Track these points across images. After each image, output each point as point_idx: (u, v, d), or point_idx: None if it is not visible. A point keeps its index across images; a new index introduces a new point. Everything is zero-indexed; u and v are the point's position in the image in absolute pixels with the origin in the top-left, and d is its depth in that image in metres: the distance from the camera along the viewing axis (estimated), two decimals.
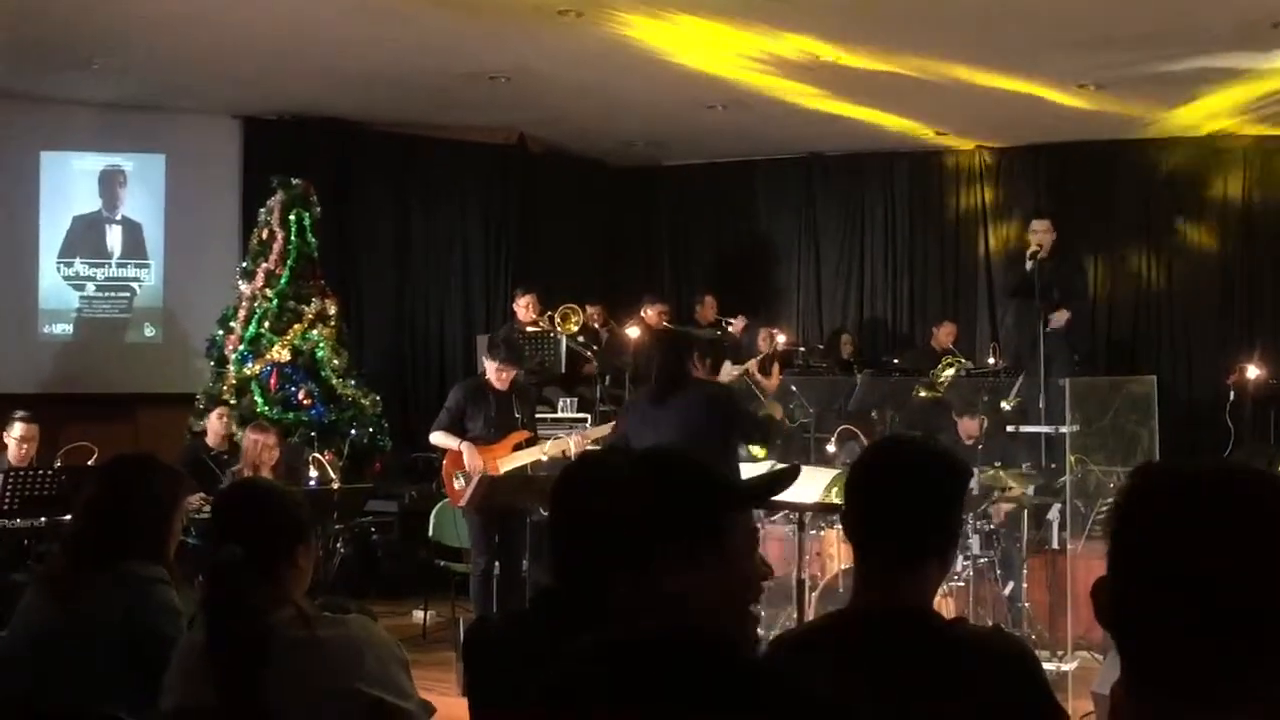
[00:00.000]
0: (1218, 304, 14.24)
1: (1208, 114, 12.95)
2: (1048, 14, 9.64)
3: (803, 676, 1.37)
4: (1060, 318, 11.87)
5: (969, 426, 9.78)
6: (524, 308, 12.21)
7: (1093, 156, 14.43)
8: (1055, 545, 9.61)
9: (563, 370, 12.23)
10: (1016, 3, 9.39)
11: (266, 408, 11.23)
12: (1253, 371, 12.72)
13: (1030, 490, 9.41)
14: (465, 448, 8.85)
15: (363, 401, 11.80)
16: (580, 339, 12.42)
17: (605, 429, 9.26)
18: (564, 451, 9.07)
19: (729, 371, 9.34)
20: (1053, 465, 10.07)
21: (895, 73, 11.33)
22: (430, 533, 9.95)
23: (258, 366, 11.51)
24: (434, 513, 9.98)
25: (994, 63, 11.12)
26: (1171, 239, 14.39)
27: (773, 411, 7.92)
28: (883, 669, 2.27)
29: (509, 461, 8.98)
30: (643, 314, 13.04)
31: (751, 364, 11.50)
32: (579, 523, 2.89)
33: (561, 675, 2.27)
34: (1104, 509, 9.40)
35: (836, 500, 7.07)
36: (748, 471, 7.50)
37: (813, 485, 6.97)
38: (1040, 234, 12.07)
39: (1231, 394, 12.85)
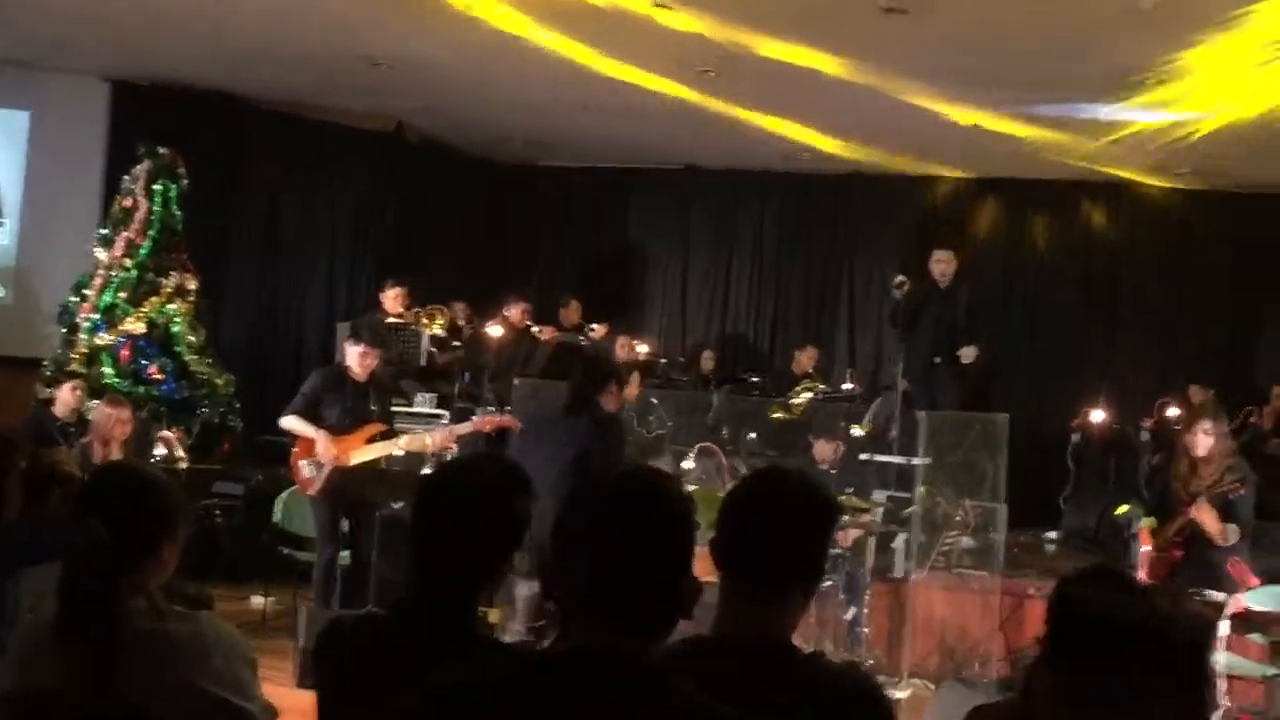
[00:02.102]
0: (1072, 348, 14.57)
1: (1078, 158, 13.23)
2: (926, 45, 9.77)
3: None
4: (969, 354, 11.84)
5: (824, 450, 9.83)
6: (392, 299, 12.07)
7: (962, 192, 14.67)
8: (898, 573, 9.75)
9: (422, 364, 12.13)
10: (898, 36, 9.50)
11: (116, 379, 10.97)
12: (1097, 416, 13.04)
13: (878, 517, 9.53)
14: (319, 435, 8.71)
15: (216, 380, 11.58)
16: (443, 336, 12.34)
17: (466, 426, 9.20)
18: (422, 447, 8.99)
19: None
20: (902, 495, 10.22)
21: (772, 92, 11.43)
22: (276, 519, 9.77)
23: (110, 337, 11.23)
24: (281, 499, 9.81)
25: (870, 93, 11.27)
26: (1035, 273, 14.67)
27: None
28: (739, 697, 2.27)
29: (362, 453, 8.84)
30: (506, 313, 12.97)
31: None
32: (448, 531, 2.86)
33: (458, 684, 2.25)
34: (949, 540, 9.57)
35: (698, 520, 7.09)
36: None
37: None
38: (942, 264, 12.10)
39: (1075, 437, 13.18)
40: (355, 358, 8.91)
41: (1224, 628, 6.53)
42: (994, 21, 9.03)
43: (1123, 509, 11.16)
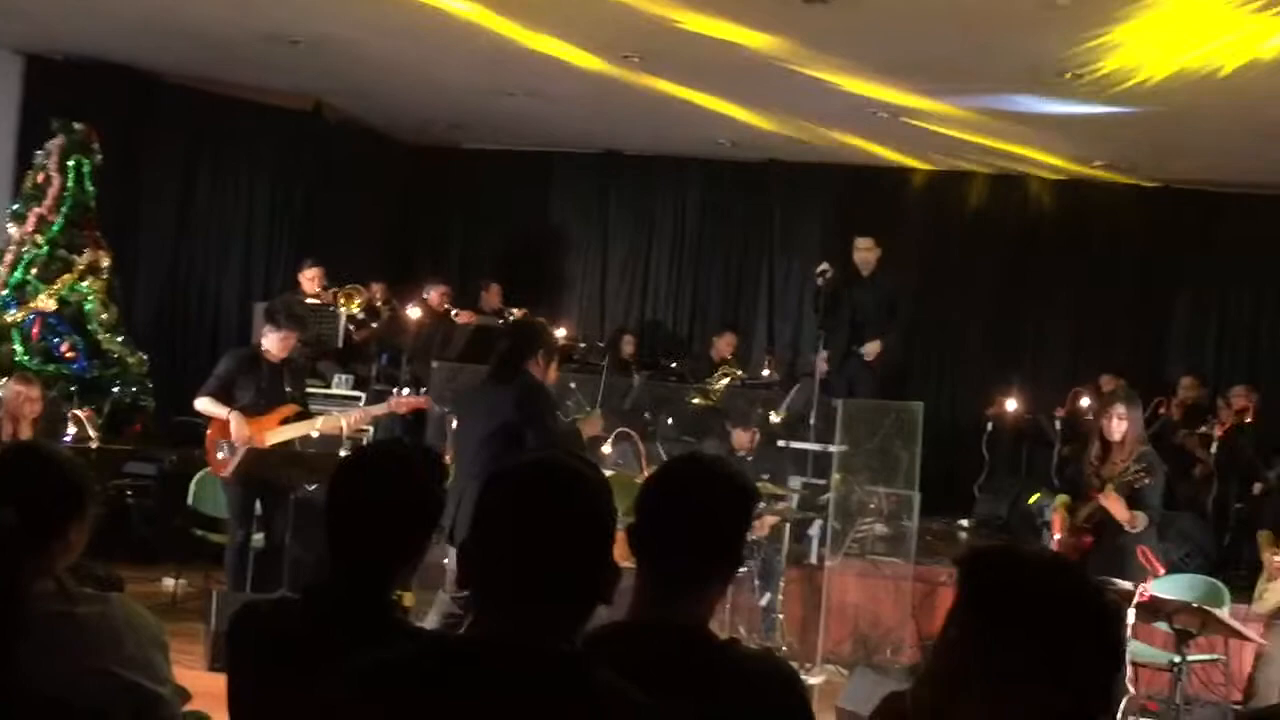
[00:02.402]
0: (986, 337, 14.73)
1: (996, 148, 13.36)
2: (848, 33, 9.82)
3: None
4: (872, 350, 11.90)
5: (741, 438, 9.89)
6: (310, 279, 12.01)
7: (883, 181, 14.77)
8: (813, 560, 9.83)
9: (339, 345, 12.06)
10: (820, 26, 9.55)
11: (26, 357, 10.81)
12: (1011, 405, 13.19)
13: (794, 504, 9.60)
14: (233, 416, 8.64)
15: (129, 360, 11.43)
16: (361, 317, 12.26)
17: (381, 408, 9.16)
18: (338, 428, 8.95)
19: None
20: (819, 481, 10.29)
21: (694, 78, 11.45)
22: (189, 500, 9.68)
23: (20, 314, 11.05)
24: (194, 480, 9.71)
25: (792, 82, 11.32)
26: (949, 272, 14.80)
27: (588, 427, 7.94)
28: (654, 684, 2.27)
29: (277, 435, 8.79)
30: (425, 295, 12.92)
31: None
32: (363, 514, 2.85)
33: (374, 671, 2.24)
34: (864, 527, 9.66)
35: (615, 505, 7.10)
36: None
37: None
38: (862, 251, 12.14)
39: (989, 425, 13.32)
40: (274, 341, 8.87)
41: (1130, 615, 6.62)
42: (915, 14, 9.09)
43: (1035, 497, 11.34)
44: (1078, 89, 10.54)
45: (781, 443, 10.41)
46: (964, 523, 12.30)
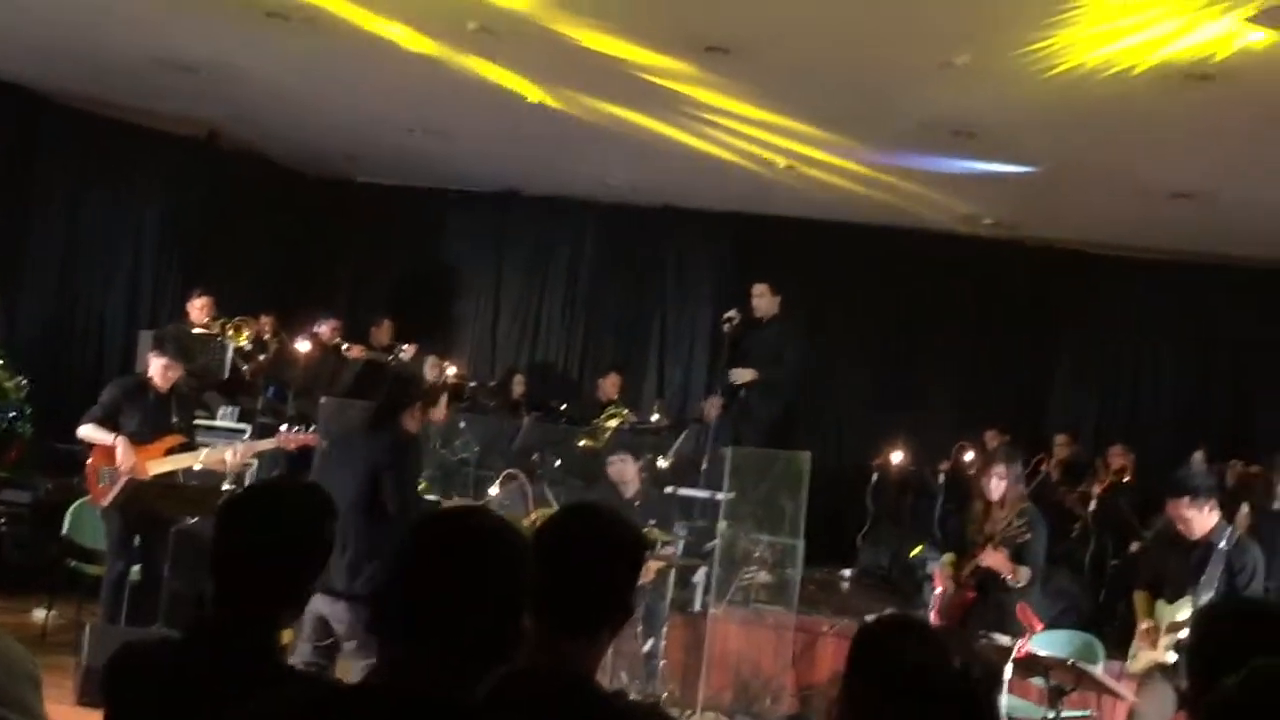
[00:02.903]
0: (875, 389, 14.87)
1: (891, 205, 13.56)
2: (747, 83, 9.93)
3: None
4: (741, 375, 11.96)
5: (620, 468, 9.62)
6: (198, 309, 11.87)
7: (777, 231, 14.90)
8: (697, 607, 9.84)
9: (226, 377, 11.91)
10: (722, 77, 9.64)
11: None
12: (896, 457, 13.34)
13: (680, 550, 9.61)
14: (119, 442, 8.51)
15: (6, 384, 11.19)
16: (249, 349, 12.13)
17: (268, 443, 9.06)
18: (221, 461, 8.84)
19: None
20: (705, 528, 10.32)
21: (591, 121, 11.50)
22: (65, 529, 9.49)
23: None
24: (71, 509, 9.53)
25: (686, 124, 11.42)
26: (841, 316, 14.95)
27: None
28: None
29: (160, 465, 8.67)
30: (316, 329, 12.83)
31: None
32: (251, 553, 2.83)
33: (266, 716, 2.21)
34: (747, 575, 9.70)
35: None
36: None
37: None
38: (757, 298, 12.23)
39: (875, 476, 13.46)
40: (158, 370, 8.76)
41: (1008, 670, 6.72)
42: (812, 66, 9.22)
43: (917, 550, 11.47)
44: (969, 146, 10.74)
45: (669, 488, 10.43)
46: (846, 573, 12.38)
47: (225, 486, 9.05)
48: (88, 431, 8.65)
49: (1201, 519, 7.17)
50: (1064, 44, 8.13)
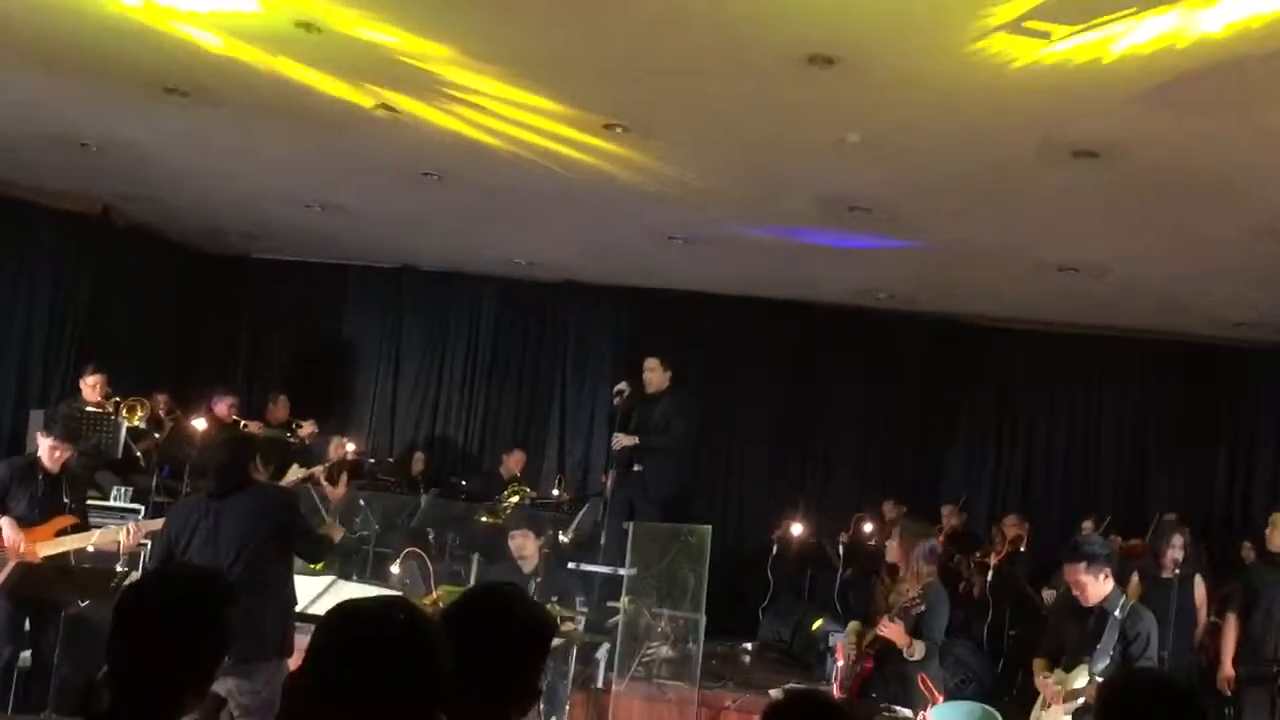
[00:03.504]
0: (772, 461, 14.96)
1: (787, 277, 13.70)
2: (646, 160, 10.03)
3: None
4: (619, 440, 11.86)
5: (521, 543, 9.62)
6: (91, 387, 11.70)
7: (675, 305, 14.99)
8: (600, 684, 9.79)
9: (119, 456, 11.72)
10: (614, 153, 9.73)
11: None
12: (796, 529, 13.41)
13: (581, 626, 9.56)
14: (4, 524, 8.34)
15: None
16: (143, 428, 11.97)
17: (159, 522, 8.91)
18: (115, 543, 8.68)
19: (294, 474, 9.10)
20: (609, 603, 10.29)
21: (489, 195, 11.56)
22: None
23: None
24: None
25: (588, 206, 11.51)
26: (740, 392, 15.03)
27: (331, 532, 7.73)
28: None
29: (51, 547, 8.49)
30: (212, 406, 12.70)
31: (319, 470, 11.30)
32: (152, 643, 2.80)
33: None
34: (650, 650, 9.67)
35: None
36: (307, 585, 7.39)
37: None
38: (647, 372, 12.27)
39: (775, 548, 13.53)
40: (46, 450, 8.62)
41: None
42: (709, 143, 9.34)
43: (817, 623, 11.52)
44: (864, 222, 10.91)
45: (571, 564, 10.41)
46: (748, 646, 12.39)
47: (119, 568, 8.89)
48: None
49: (1096, 585, 7.27)
50: (951, 122, 8.31)
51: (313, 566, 8.88)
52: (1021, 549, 12.57)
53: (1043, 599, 11.45)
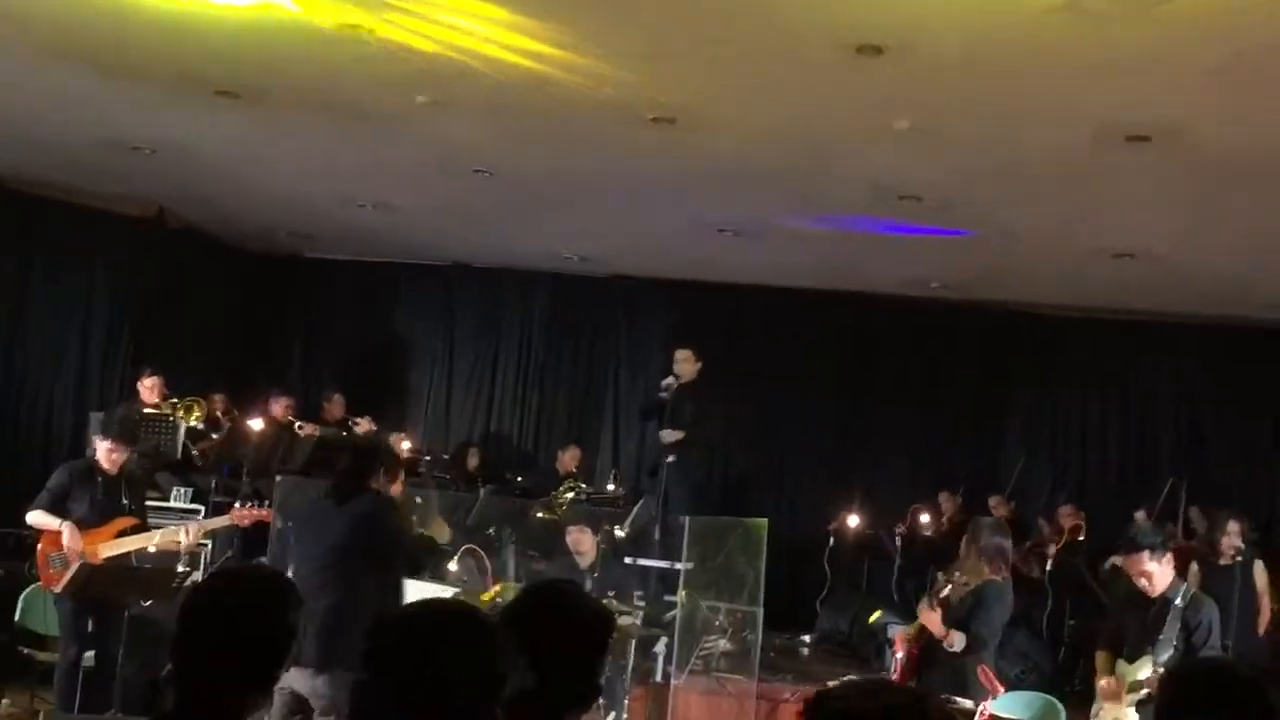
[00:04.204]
0: (826, 454, 14.88)
1: (839, 268, 13.64)
2: (691, 152, 9.99)
3: None
4: (669, 435, 12.04)
5: (578, 538, 9.72)
6: (149, 389, 11.77)
7: (725, 297, 14.95)
8: (659, 678, 9.77)
9: (178, 457, 11.80)
10: (664, 145, 9.69)
11: None
12: (852, 520, 13.35)
13: (639, 620, 9.55)
14: (66, 528, 8.41)
15: None
16: (200, 428, 12.04)
17: (222, 520, 9.00)
18: (175, 543, 8.74)
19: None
20: (666, 597, 10.28)
21: (543, 194, 11.57)
22: (16, 616, 9.34)
23: None
24: (23, 595, 9.39)
25: (638, 199, 11.49)
26: (792, 384, 14.97)
27: (437, 532, 7.76)
28: None
29: (112, 548, 8.56)
30: (268, 406, 12.76)
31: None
32: (216, 645, 2.79)
33: None
34: (709, 644, 9.65)
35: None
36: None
37: None
38: (680, 363, 12.33)
39: (831, 540, 13.46)
40: (103, 452, 8.68)
41: None
42: (757, 132, 9.29)
43: (875, 615, 11.44)
44: (915, 211, 10.84)
45: (628, 558, 10.39)
46: (806, 638, 12.36)
47: (180, 568, 8.95)
48: (36, 517, 8.55)
49: (1161, 573, 7.17)
50: (1002, 107, 8.23)
51: None
52: (1081, 538, 12.46)
53: (1102, 588, 11.35)
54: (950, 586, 7.62)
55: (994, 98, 8.05)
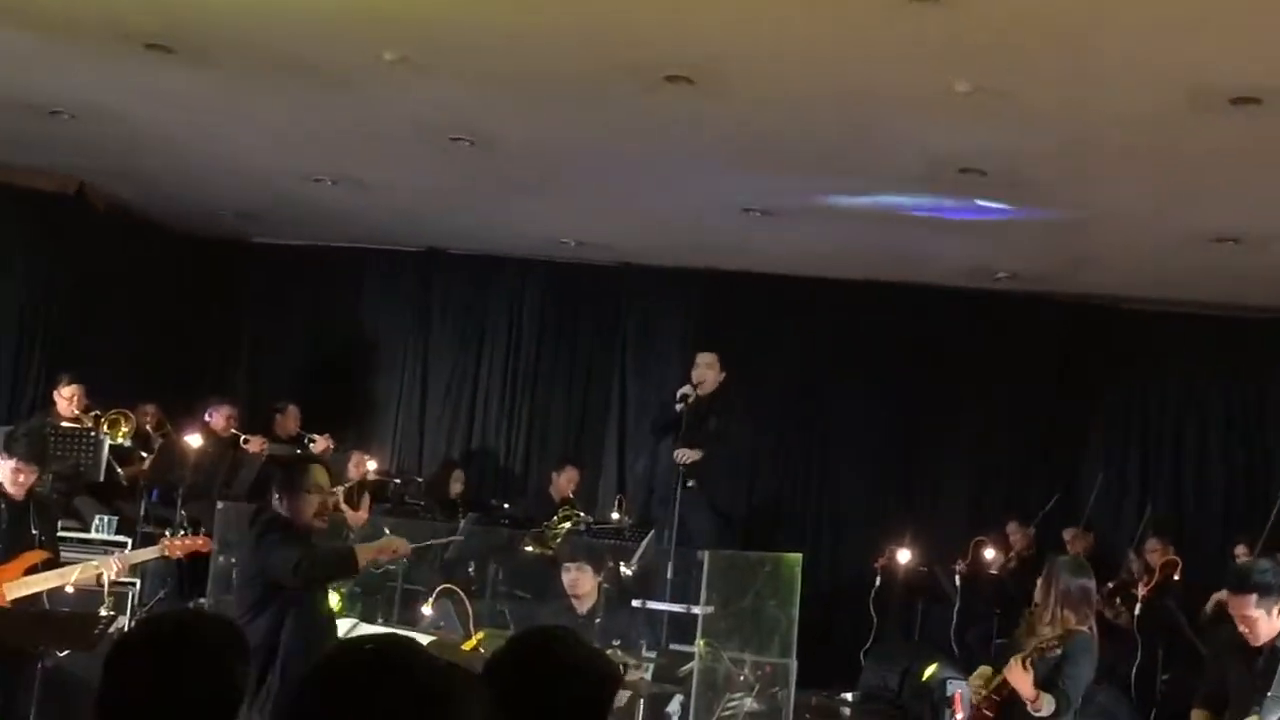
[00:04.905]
0: (873, 476, 14.85)
1: (888, 258, 13.62)
2: (716, 121, 9.99)
3: None
4: (685, 455, 12.02)
5: (576, 577, 9.65)
6: (67, 399, 11.79)
7: (752, 291, 14.93)
8: None
9: (102, 479, 11.81)
10: (680, 109, 9.70)
11: None
12: (903, 556, 13.31)
13: (649, 675, 9.54)
14: None
15: None
16: (128, 446, 12.05)
17: (151, 553, 8.98)
18: (97, 580, 8.73)
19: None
20: (681, 647, 10.25)
21: (534, 167, 11.58)
22: None
23: None
24: None
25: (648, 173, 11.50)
26: (833, 393, 14.95)
27: (360, 554, 7.76)
28: None
29: (20, 588, 8.53)
30: (208, 419, 12.76)
31: (338, 491, 11.40)
32: (149, 706, 2.79)
33: None
34: (732, 703, 9.63)
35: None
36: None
37: None
38: (701, 369, 12.31)
39: (878, 580, 13.43)
40: (7, 474, 8.64)
41: None
42: (792, 99, 9.29)
43: (931, 669, 11.42)
44: (979, 187, 10.83)
45: (636, 601, 10.38)
46: (848, 696, 12.33)
47: (103, 611, 8.93)
48: None
49: (1269, 622, 7.14)
50: (1081, 67, 8.22)
51: (330, 609, 8.88)
52: (1175, 577, 12.42)
53: (1200, 636, 11.32)
54: (1041, 639, 7.63)
55: (1071, 53, 8.04)
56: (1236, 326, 14.27)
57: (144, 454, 12.32)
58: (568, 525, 12.64)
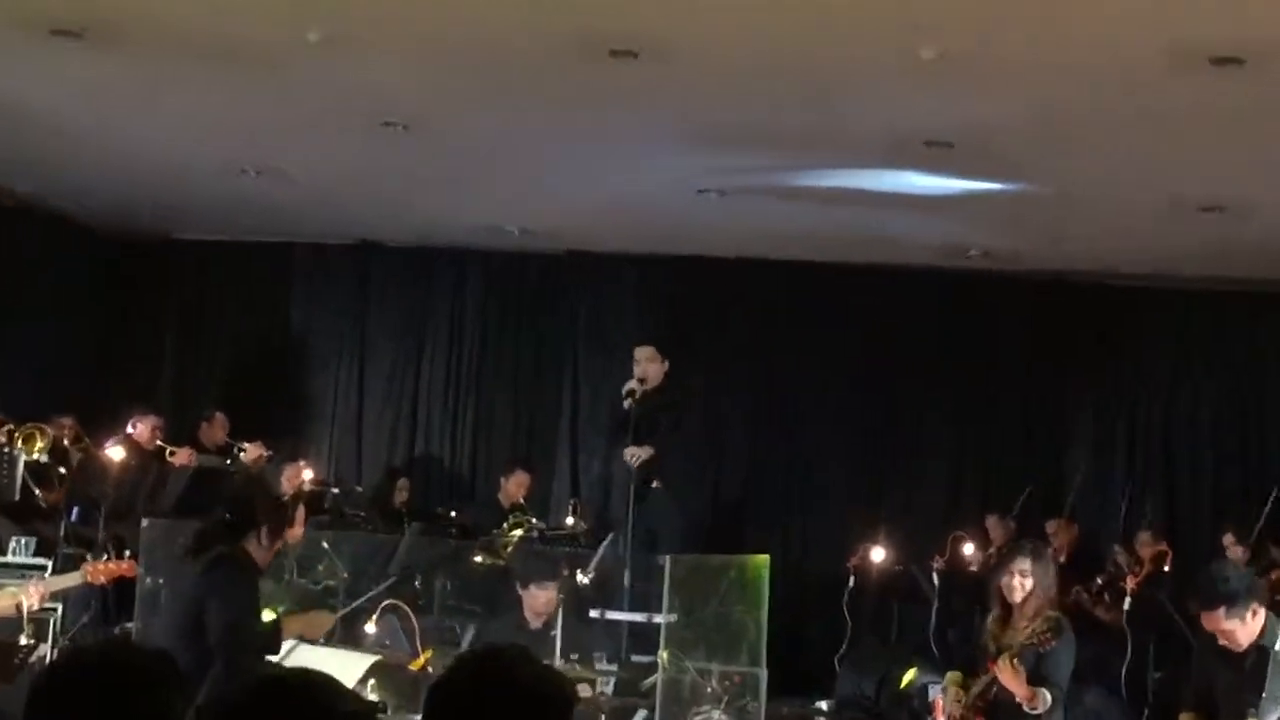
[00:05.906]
0: (844, 468, 14.87)
1: (854, 238, 13.64)
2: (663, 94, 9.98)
3: None
4: (634, 454, 12.05)
5: (537, 600, 9.70)
6: None
7: (717, 275, 14.92)
8: None
9: (16, 498, 11.74)
10: (627, 85, 9.68)
11: None
12: (877, 554, 13.32)
13: (610, 690, 9.55)
14: None
15: None
16: (44, 461, 11.98)
17: (73, 578, 8.93)
18: (14, 608, 8.68)
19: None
20: (642, 658, 10.26)
21: (473, 151, 11.56)
22: None
23: None
24: None
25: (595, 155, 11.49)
26: (796, 379, 14.96)
27: (310, 625, 7.79)
28: None
29: None
30: (131, 430, 12.71)
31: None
32: None
33: None
34: (699, 717, 9.64)
35: (374, 696, 7.03)
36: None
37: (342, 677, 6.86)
38: (642, 364, 12.31)
39: (851, 580, 13.44)
40: None
41: None
42: (744, 70, 9.28)
43: (909, 675, 11.46)
44: (947, 160, 10.85)
45: (593, 612, 10.38)
46: (823, 705, 12.35)
47: (23, 640, 8.89)
48: None
49: (1246, 627, 7.17)
50: (1054, 28, 8.24)
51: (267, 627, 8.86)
52: (1165, 569, 12.48)
53: (1194, 631, 11.37)
54: (1030, 633, 7.68)
55: (1043, 13, 8.05)
56: (1226, 301, 14.33)
57: (61, 470, 12.24)
58: (519, 533, 12.64)
